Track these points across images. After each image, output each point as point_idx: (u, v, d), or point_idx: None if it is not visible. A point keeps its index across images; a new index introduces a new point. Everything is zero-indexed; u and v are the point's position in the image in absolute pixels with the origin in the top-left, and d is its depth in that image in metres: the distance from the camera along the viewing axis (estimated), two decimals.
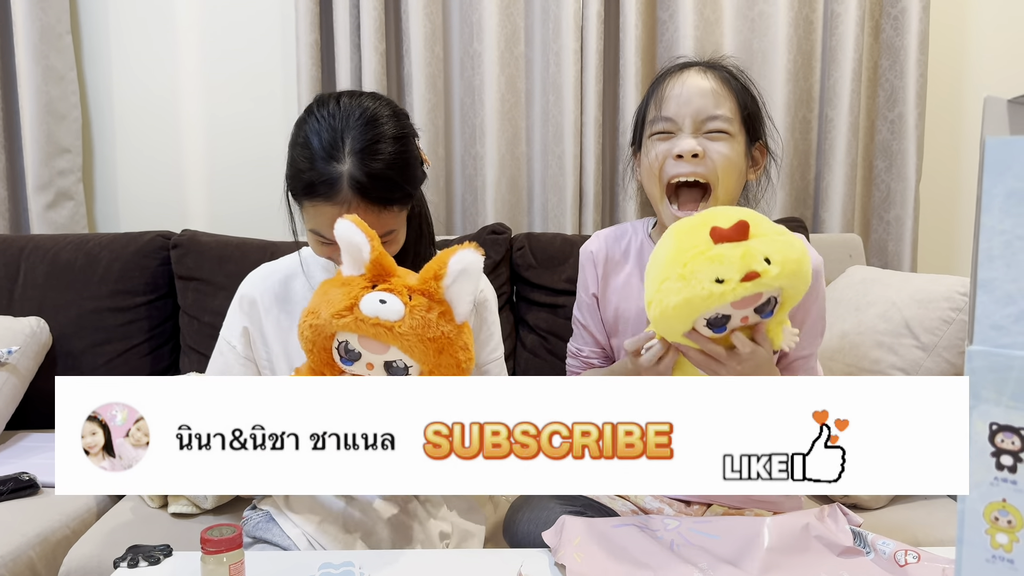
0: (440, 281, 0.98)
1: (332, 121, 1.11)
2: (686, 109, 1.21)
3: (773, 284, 0.97)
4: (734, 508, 1.29)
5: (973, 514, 0.61)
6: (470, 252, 0.98)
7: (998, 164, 0.56)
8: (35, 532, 1.45)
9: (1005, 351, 0.58)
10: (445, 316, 0.99)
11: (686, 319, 1.01)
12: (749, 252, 0.96)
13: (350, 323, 0.96)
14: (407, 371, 1.00)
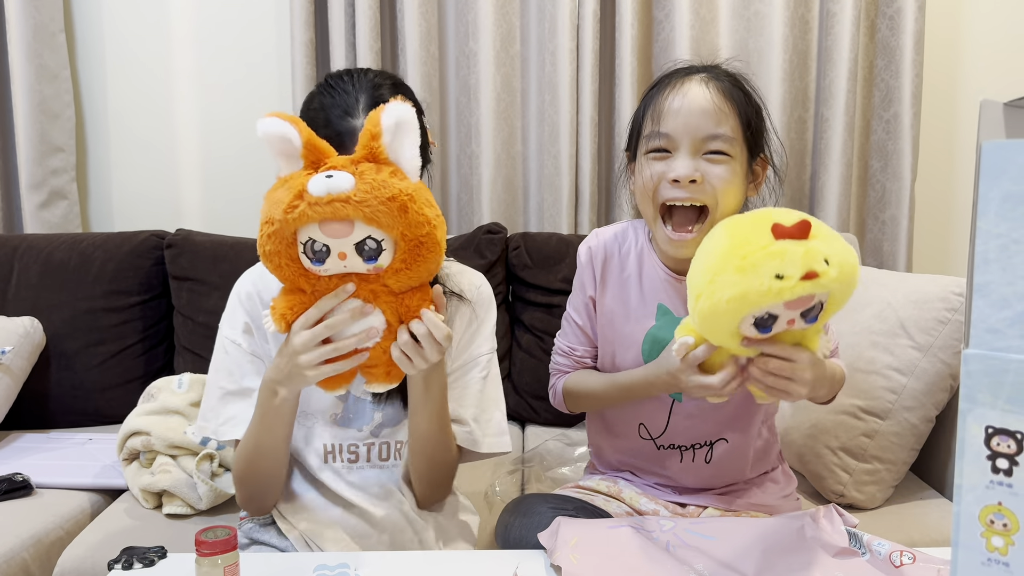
0: (378, 140, 0.94)
1: (345, 87, 1.14)
2: (685, 127, 1.15)
3: (829, 287, 0.94)
4: (730, 511, 1.29)
5: (968, 517, 0.61)
6: (397, 105, 0.94)
7: (994, 168, 0.56)
8: (29, 533, 1.44)
9: (1001, 354, 0.58)
10: (397, 175, 0.94)
11: (736, 315, 0.96)
12: (812, 251, 0.93)
13: (305, 211, 0.91)
14: (380, 247, 0.95)
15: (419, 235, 0.95)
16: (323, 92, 1.15)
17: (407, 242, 0.95)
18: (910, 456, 1.54)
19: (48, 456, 1.77)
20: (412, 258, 0.97)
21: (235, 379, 1.21)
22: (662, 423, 1.29)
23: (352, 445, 1.23)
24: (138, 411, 1.64)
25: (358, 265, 0.96)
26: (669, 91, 1.17)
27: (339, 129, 1.09)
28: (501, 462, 1.77)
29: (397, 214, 0.93)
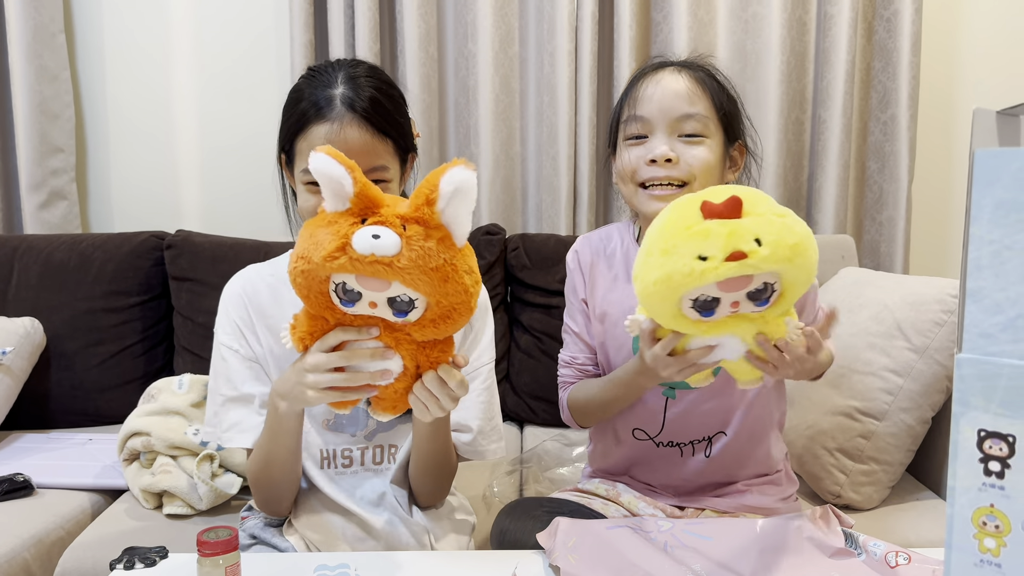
0: (433, 207, 0.90)
1: (326, 67, 1.18)
2: (660, 109, 1.19)
3: (763, 267, 0.89)
4: (728, 514, 1.29)
5: (961, 519, 0.62)
6: (460, 170, 0.89)
7: (987, 175, 0.57)
8: (30, 533, 1.45)
9: (993, 359, 0.58)
10: (444, 242, 0.91)
11: (669, 298, 0.93)
12: (737, 230, 0.88)
13: (344, 264, 0.89)
14: (412, 304, 0.93)
15: (454, 303, 0.94)
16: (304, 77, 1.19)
17: (440, 307, 0.94)
18: (906, 457, 1.55)
19: (49, 456, 1.78)
20: (442, 319, 0.96)
21: (234, 385, 1.21)
22: (658, 423, 1.30)
23: (346, 450, 1.24)
24: (138, 412, 1.65)
25: (387, 315, 0.95)
26: (644, 80, 1.24)
27: (316, 98, 1.12)
28: (499, 463, 1.77)
29: (437, 283, 0.91)
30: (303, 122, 1.13)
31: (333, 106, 1.11)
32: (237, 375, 1.21)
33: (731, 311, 0.95)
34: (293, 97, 1.17)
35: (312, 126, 1.12)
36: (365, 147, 1.12)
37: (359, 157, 1.11)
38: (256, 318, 1.22)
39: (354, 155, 1.10)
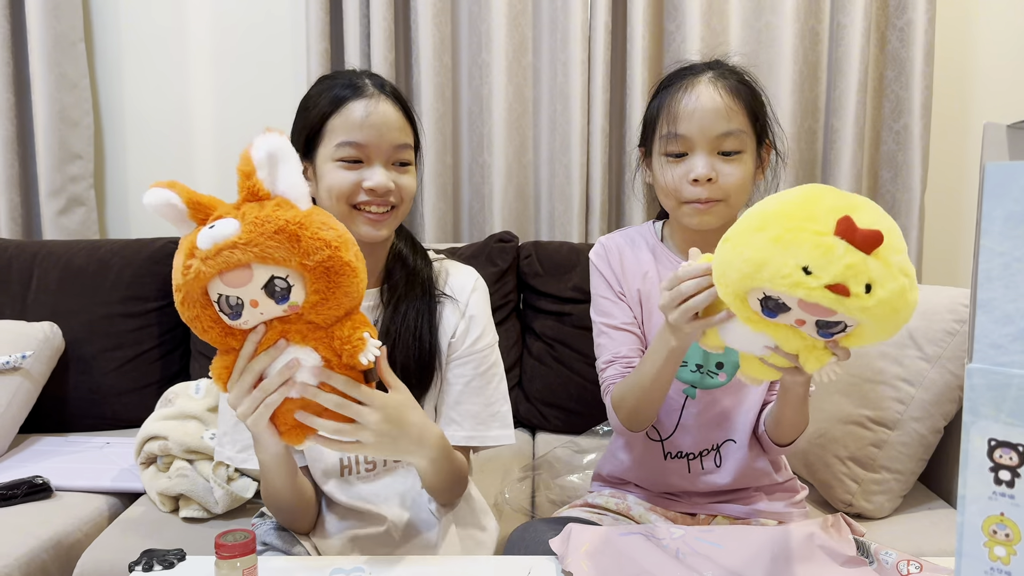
0: (253, 178, 0.90)
1: (341, 71, 1.25)
2: (700, 128, 1.20)
3: (855, 314, 0.82)
4: (739, 519, 1.30)
5: (972, 527, 0.63)
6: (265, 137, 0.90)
7: (997, 188, 0.58)
8: (48, 535, 1.47)
9: (1003, 369, 0.59)
10: (282, 206, 0.90)
11: (746, 280, 0.86)
12: (858, 267, 0.80)
13: (199, 268, 0.87)
14: (288, 284, 0.90)
15: (321, 261, 0.90)
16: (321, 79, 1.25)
17: (312, 272, 0.90)
18: (918, 466, 1.55)
19: (67, 459, 1.80)
20: (325, 287, 0.92)
21: None
22: (672, 422, 1.31)
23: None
24: (156, 416, 1.67)
25: (273, 309, 0.92)
26: (681, 93, 1.23)
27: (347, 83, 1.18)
28: (510, 469, 1.78)
29: (289, 245, 0.88)
30: (337, 102, 1.17)
31: (366, 87, 1.18)
32: None
33: (793, 324, 0.88)
34: (316, 92, 1.21)
35: (349, 102, 1.17)
36: (398, 123, 1.18)
37: (394, 131, 1.17)
38: None
39: (390, 128, 1.17)
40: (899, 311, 0.83)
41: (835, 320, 0.84)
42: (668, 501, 1.34)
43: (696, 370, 1.29)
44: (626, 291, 1.33)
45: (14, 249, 2.12)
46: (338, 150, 1.16)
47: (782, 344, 0.93)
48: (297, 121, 1.23)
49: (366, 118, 1.15)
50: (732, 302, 0.92)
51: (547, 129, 2.34)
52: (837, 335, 0.87)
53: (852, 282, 0.80)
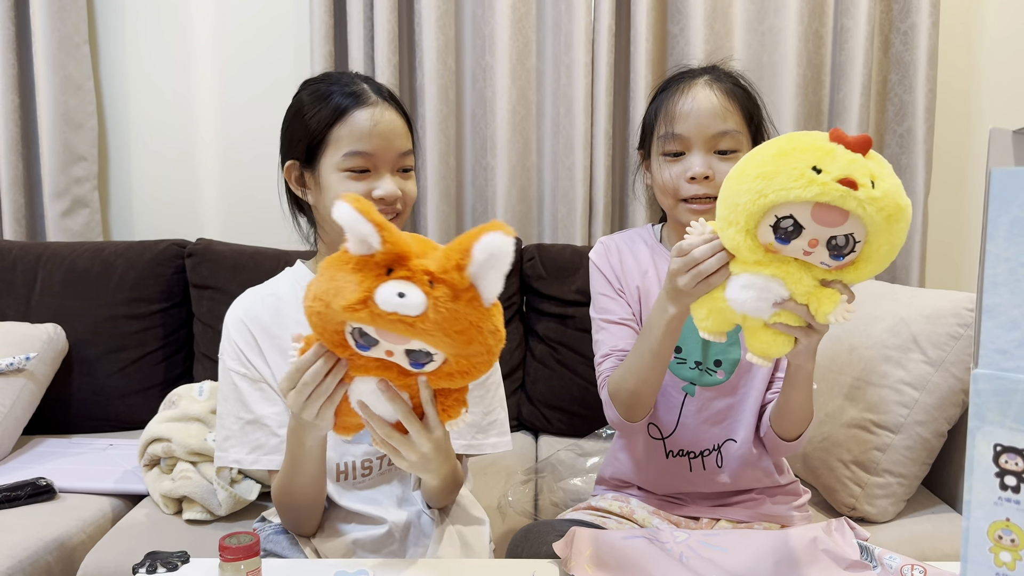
0: (463, 272, 0.84)
1: (332, 74, 1.23)
2: (696, 128, 1.24)
3: (865, 210, 0.85)
4: (743, 523, 1.30)
5: (977, 533, 0.63)
6: (496, 236, 0.83)
7: (1003, 194, 0.58)
8: (52, 537, 1.47)
9: (1009, 375, 0.59)
10: (472, 303, 0.86)
11: (760, 198, 0.89)
12: (859, 162, 0.86)
13: (365, 317, 0.85)
14: (431, 358, 0.89)
15: (475, 362, 0.91)
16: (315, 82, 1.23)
17: (459, 364, 0.91)
18: (922, 470, 1.55)
19: (70, 461, 1.80)
20: (459, 374, 0.92)
21: (249, 408, 1.22)
22: (673, 420, 1.31)
23: (366, 460, 1.25)
24: (159, 418, 1.67)
25: (403, 363, 0.91)
26: (678, 95, 1.27)
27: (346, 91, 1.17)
28: (513, 472, 1.78)
29: (460, 345, 0.87)
30: (340, 111, 1.15)
31: (368, 94, 1.17)
32: (250, 398, 1.21)
33: (804, 253, 0.91)
34: (315, 98, 1.19)
35: (354, 111, 1.15)
36: (401, 130, 1.18)
37: (400, 138, 1.17)
38: (260, 339, 1.23)
39: (397, 135, 1.17)
40: (902, 209, 0.88)
41: (845, 233, 0.88)
42: (671, 505, 1.34)
43: (695, 367, 1.30)
44: (626, 288, 1.34)
45: (18, 251, 2.12)
46: (345, 160, 1.15)
47: (793, 286, 0.94)
48: (294, 127, 1.21)
49: (374, 127, 1.14)
50: (743, 242, 0.93)
51: (550, 132, 2.34)
52: (848, 257, 0.90)
53: (858, 175, 0.85)
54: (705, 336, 1.03)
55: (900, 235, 0.91)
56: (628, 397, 1.24)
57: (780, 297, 0.95)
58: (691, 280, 1.00)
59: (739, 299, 0.97)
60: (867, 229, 0.89)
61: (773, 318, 0.97)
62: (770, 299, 0.95)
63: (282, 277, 1.31)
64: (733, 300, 0.98)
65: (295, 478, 1.14)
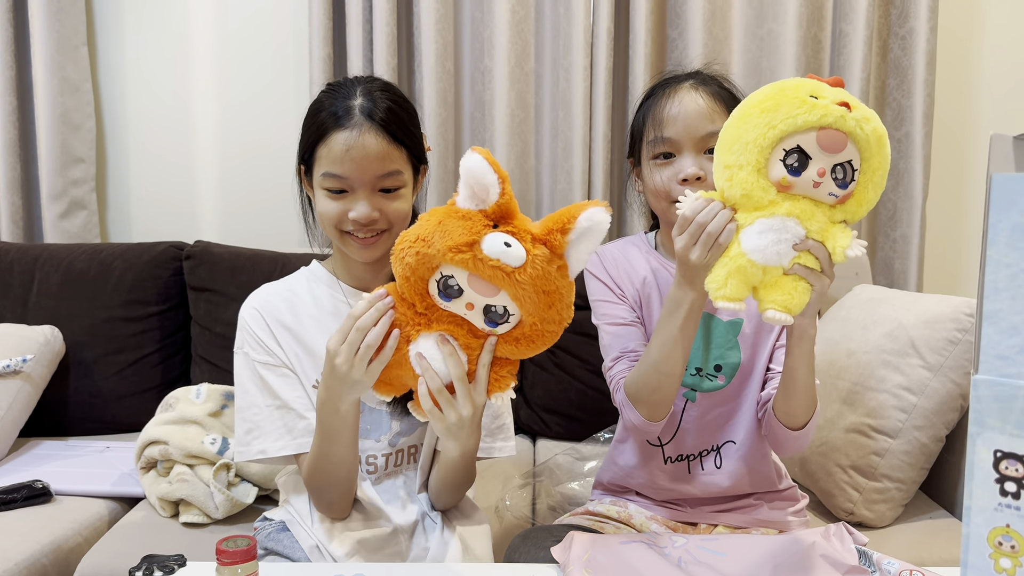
0: (566, 235, 0.91)
1: (344, 82, 1.23)
2: (685, 129, 1.23)
3: (862, 129, 0.96)
4: (740, 528, 1.30)
5: (977, 539, 0.63)
6: (600, 211, 0.91)
7: (1004, 199, 0.58)
8: (48, 540, 1.47)
9: (1010, 380, 0.59)
10: (562, 271, 0.93)
11: (768, 130, 0.96)
12: (843, 92, 0.98)
13: (468, 260, 0.90)
14: (507, 317, 0.94)
15: (546, 329, 0.95)
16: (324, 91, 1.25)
17: (533, 328, 0.95)
18: (920, 475, 1.55)
19: (67, 463, 1.80)
20: (526, 340, 0.97)
21: (276, 395, 1.24)
22: (673, 426, 1.31)
23: (371, 456, 1.26)
24: (156, 420, 1.67)
25: (478, 320, 0.96)
26: (664, 100, 1.27)
27: (335, 108, 1.17)
28: (511, 476, 1.78)
29: (543, 306, 0.93)
30: (323, 130, 1.17)
31: (352, 115, 1.17)
32: (275, 384, 1.23)
33: (814, 185, 0.97)
34: (313, 109, 1.22)
35: (332, 133, 1.16)
36: (381, 152, 1.16)
37: (376, 162, 1.16)
38: (277, 329, 1.25)
39: (371, 160, 1.15)
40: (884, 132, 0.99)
41: (846, 160, 0.97)
42: (669, 510, 1.34)
43: (696, 373, 1.30)
44: (626, 294, 1.34)
45: (16, 252, 2.12)
46: (324, 180, 1.18)
47: (807, 223, 0.99)
48: (301, 133, 1.24)
49: (346, 152, 1.15)
50: (756, 182, 0.98)
51: (549, 135, 2.34)
52: (850, 186, 0.99)
53: (848, 99, 0.96)
54: (722, 305, 1.01)
55: (887, 158, 1.00)
56: (650, 394, 1.21)
57: (798, 236, 0.99)
58: (702, 249, 1.02)
59: (759, 246, 0.99)
60: (862, 154, 0.98)
61: (793, 261, 1.00)
62: (789, 240, 0.99)
63: (298, 274, 1.33)
64: (753, 250, 1.00)
65: (330, 449, 1.14)
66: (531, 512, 1.69)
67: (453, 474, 1.20)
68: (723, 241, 1.01)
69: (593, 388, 1.98)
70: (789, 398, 1.19)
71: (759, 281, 1.01)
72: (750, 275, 1.00)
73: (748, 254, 0.99)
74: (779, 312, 1.01)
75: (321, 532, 1.22)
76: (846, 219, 1.02)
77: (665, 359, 1.17)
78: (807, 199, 0.99)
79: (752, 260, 0.99)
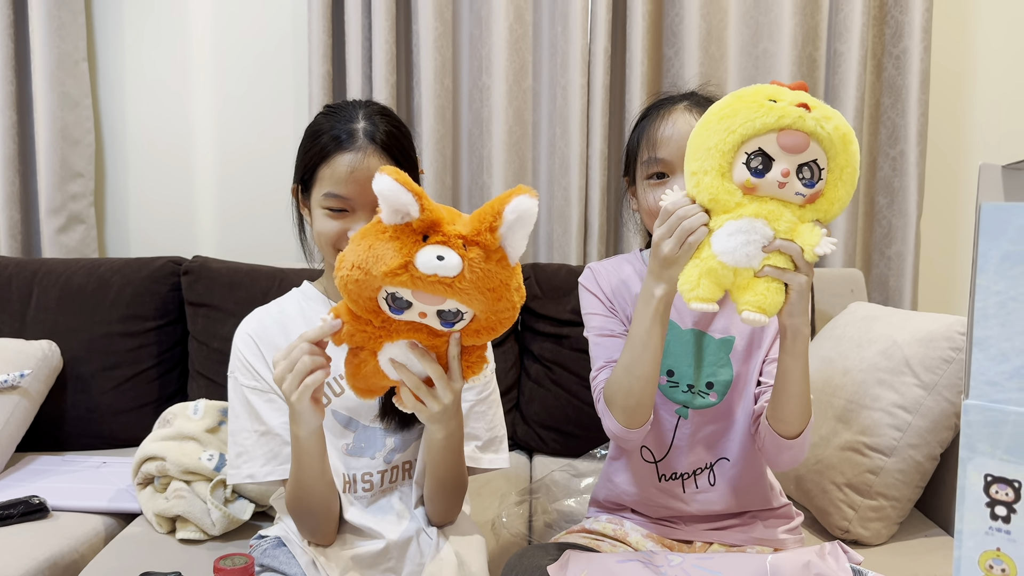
0: (495, 233, 0.93)
1: (344, 105, 1.25)
2: (678, 151, 1.22)
3: (823, 128, 0.98)
4: (735, 547, 1.30)
5: (968, 562, 0.63)
6: (524, 200, 0.92)
7: (993, 228, 0.59)
8: (45, 556, 1.46)
9: (999, 406, 0.60)
10: (501, 263, 0.95)
11: (729, 135, 0.99)
12: (804, 94, 1.00)
13: (406, 281, 0.92)
14: (461, 316, 0.97)
15: (502, 317, 0.99)
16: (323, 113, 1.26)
17: (488, 321, 0.99)
18: (915, 493, 1.56)
19: (63, 479, 1.79)
20: (485, 330, 1.00)
21: (262, 420, 1.25)
22: (665, 444, 1.32)
23: (367, 474, 1.26)
24: (153, 436, 1.67)
25: (435, 324, 0.98)
26: (659, 121, 1.28)
27: (338, 131, 1.19)
28: (507, 493, 1.78)
29: (491, 302, 0.96)
30: (326, 152, 1.19)
31: (356, 137, 1.19)
32: (262, 410, 1.25)
33: (779, 185, 1.00)
34: (313, 131, 1.24)
35: (336, 155, 1.18)
36: None
37: None
38: (267, 352, 1.26)
39: None
40: (851, 131, 1.01)
41: (810, 160, 0.99)
42: (665, 528, 1.34)
43: (687, 390, 1.30)
44: (617, 308, 1.35)
45: (14, 267, 2.12)
46: (325, 199, 1.19)
47: (775, 223, 1.01)
48: (299, 154, 1.26)
49: (350, 174, 1.17)
50: (720, 186, 1.01)
51: (546, 152, 2.35)
52: (818, 184, 1.01)
53: (807, 101, 0.99)
54: (697, 307, 1.04)
55: (855, 157, 1.02)
56: (624, 399, 1.21)
57: (766, 237, 1.01)
58: (676, 242, 1.05)
59: (728, 248, 1.02)
60: (827, 153, 1.00)
61: (763, 263, 1.02)
62: (758, 241, 1.01)
63: (290, 296, 1.35)
64: (722, 252, 1.03)
65: (299, 476, 1.16)
66: (527, 529, 1.69)
67: (442, 464, 1.20)
68: (694, 241, 1.04)
69: (589, 404, 1.96)
70: (783, 404, 1.18)
71: (731, 283, 1.05)
72: (721, 277, 1.04)
73: (718, 256, 1.03)
74: (754, 313, 1.03)
75: (315, 550, 1.23)
76: (819, 218, 1.04)
77: (635, 362, 1.18)
78: (775, 200, 1.01)
79: (723, 262, 1.02)
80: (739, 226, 1.01)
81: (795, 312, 1.06)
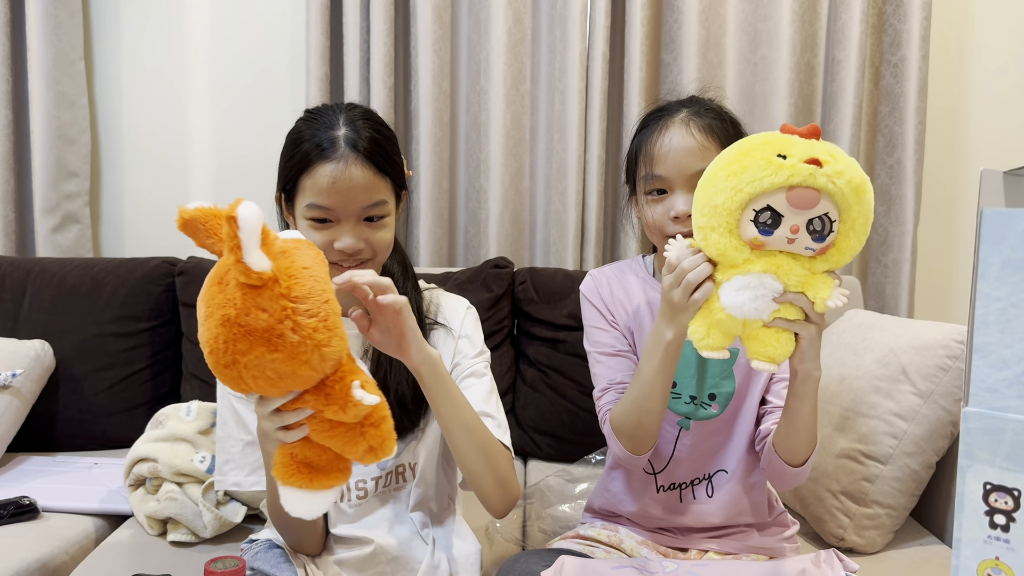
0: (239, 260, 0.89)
1: (324, 110, 1.22)
2: (675, 167, 1.22)
3: (835, 184, 0.93)
4: (731, 555, 1.30)
5: (967, 571, 0.63)
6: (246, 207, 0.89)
7: (994, 235, 0.58)
8: (35, 557, 1.45)
9: (999, 414, 0.60)
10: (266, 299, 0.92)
11: (735, 193, 0.95)
12: (816, 145, 0.95)
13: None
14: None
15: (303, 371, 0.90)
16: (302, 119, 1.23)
17: None
18: (910, 501, 1.55)
19: (54, 480, 1.78)
20: None
21: (248, 429, 1.24)
22: (666, 455, 1.31)
23: (360, 482, 1.25)
24: (146, 438, 1.66)
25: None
26: (656, 135, 1.25)
27: (319, 139, 1.16)
28: None
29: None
30: (307, 161, 1.16)
31: (337, 146, 1.15)
32: (247, 418, 1.24)
33: (788, 241, 0.96)
34: (294, 139, 1.20)
35: (317, 165, 1.15)
36: (367, 184, 1.15)
37: (362, 193, 1.15)
38: None
39: (357, 192, 1.14)
40: (864, 183, 0.96)
41: (821, 214, 0.95)
42: (660, 535, 1.34)
43: (690, 401, 1.30)
44: (618, 320, 1.34)
45: (7, 266, 2.11)
46: (308, 210, 1.16)
47: (785, 277, 0.98)
48: (281, 162, 1.23)
49: (332, 184, 1.13)
50: (728, 243, 0.98)
51: (544, 156, 2.35)
52: (828, 238, 0.96)
53: (819, 154, 0.93)
54: (707, 355, 1.04)
55: (869, 206, 0.98)
56: (632, 430, 1.22)
57: (776, 291, 0.99)
58: (683, 293, 1.04)
59: (737, 303, 1.00)
60: (839, 206, 0.96)
61: (772, 315, 1.00)
62: (767, 295, 0.99)
63: None
64: (731, 306, 1.00)
65: (272, 493, 1.14)
66: (521, 535, 1.68)
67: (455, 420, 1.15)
68: (699, 297, 1.03)
69: (585, 409, 1.98)
70: (790, 436, 1.19)
71: (741, 332, 1.03)
72: (730, 327, 1.02)
73: (727, 309, 1.01)
74: (763, 363, 1.02)
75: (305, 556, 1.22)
76: (829, 268, 1.01)
77: (645, 397, 1.19)
78: (784, 254, 0.99)
79: (731, 316, 1.01)
80: (747, 281, 0.99)
81: (805, 359, 1.06)
